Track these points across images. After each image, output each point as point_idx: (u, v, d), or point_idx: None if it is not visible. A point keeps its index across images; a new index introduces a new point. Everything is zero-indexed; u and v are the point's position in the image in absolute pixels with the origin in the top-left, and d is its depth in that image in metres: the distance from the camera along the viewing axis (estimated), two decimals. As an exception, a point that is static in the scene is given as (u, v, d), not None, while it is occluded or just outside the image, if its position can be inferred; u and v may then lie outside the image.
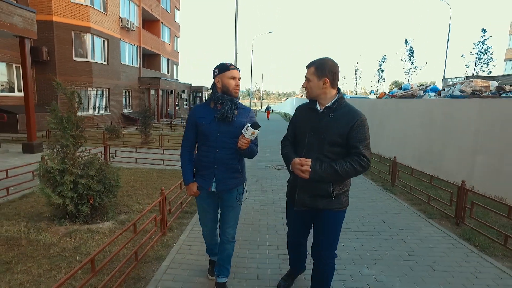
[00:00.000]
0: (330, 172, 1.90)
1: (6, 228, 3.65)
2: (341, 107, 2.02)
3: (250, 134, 2.11)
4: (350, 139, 1.95)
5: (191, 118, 2.37)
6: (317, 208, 2.08)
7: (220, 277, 2.55)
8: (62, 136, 3.82)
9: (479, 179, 5.77)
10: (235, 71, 2.28)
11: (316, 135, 2.02)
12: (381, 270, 2.98)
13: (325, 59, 2.04)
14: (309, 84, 2.05)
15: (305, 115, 2.15)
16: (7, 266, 2.83)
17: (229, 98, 2.27)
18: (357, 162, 1.91)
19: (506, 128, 5.24)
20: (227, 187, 2.33)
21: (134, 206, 4.63)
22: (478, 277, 2.88)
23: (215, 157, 2.28)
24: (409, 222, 4.27)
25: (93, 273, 2.20)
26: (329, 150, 1.98)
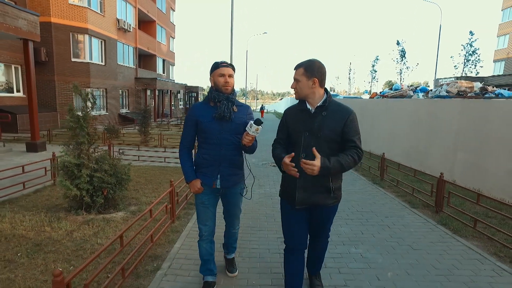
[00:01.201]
0: (337, 166, 1.97)
1: (28, 218, 4.01)
2: (331, 105, 2.11)
3: (254, 131, 2.17)
4: (345, 134, 2.05)
5: (191, 117, 2.38)
6: (317, 204, 2.14)
7: (230, 254, 2.87)
8: (78, 133, 4.15)
9: (460, 173, 6.25)
10: (223, 68, 2.30)
11: (312, 135, 2.07)
12: (366, 249, 3.41)
13: (313, 60, 2.11)
14: (299, 84, 2.10)
15: (297, 116, 2.18)
16: (38, 247, 3.20)
17: (225, 97, 2.29)
18: (355, 154, 2.02)
19: (482, 126, 5.73)
20: (231, 184, 2.39)
21: (142, 199, 5.01)
22: (449, 253, 3.33)
23: (220, 154, 2.32)
24: (394, 211, 4.72)
25: (121, 247, 2.59)
26: (326, 147, 2.05)
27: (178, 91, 31.62)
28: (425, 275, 2.88)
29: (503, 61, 33.39)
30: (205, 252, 2.52)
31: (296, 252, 2.26)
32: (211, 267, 2.57)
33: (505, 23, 33.37)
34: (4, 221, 3.90)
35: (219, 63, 2.33)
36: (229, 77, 2.30)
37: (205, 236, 2.49)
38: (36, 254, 3.07)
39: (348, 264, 3.07)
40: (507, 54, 32.95)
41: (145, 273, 2.81)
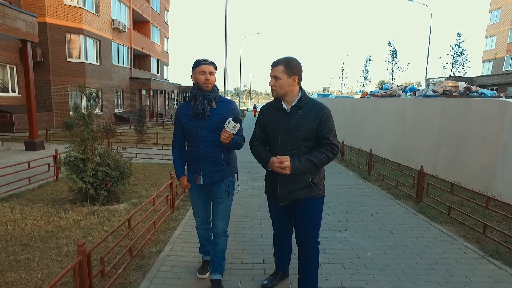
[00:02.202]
0: (308, 164, 2.02)
1: (37, 209, 4.27)
2: (306, 103, 2.12)
3: (232, 128, 2.15)
4: (320, 131, 2.08)
5: (176, 116, 2.46)
6: (300, 199, 2.16)
7: (215, 274, 2.53)
8: (84, 130, 4.43)
9: (442, 167, 6.65)
10: (204, 66, 2.29)
11: (289, 133, 2.10)
12: (350, 234, 3.76)
13: (291, 58, 2.10)
14: (278, 82, 2.09)
15: (273, 115, 2.21)
16: (50, 234, 3.48)
17: (202, 94, 2.29)
18: (329, 151, 2.05)
19: (461, 123, 6.13)
20: (214, 180, 2.38)
21: (142, 192, 5.30)
22: (424, 236, 3.69)
23: (198, 152, 2.34)
24: (378, 202, 5.08)
25: (129, 230, 2.89)
26: (303, 145, 2.08)
27: (173, 91, 31.77)
28: (400, 254, 3.24)
29: (491, 61, 34.27)
30: (202, 237, 2.72)
31: (284, 236, 2.48)
32: (209, 248, 2.73)
33: (493, 25, 34.24)
34: (14, 212, 4.16)
35: (200, 60, 2.32)
36: (209, 74, 2.30)
37: (200, 224, 2.65)
38: (49, 239, 3.36)
39: (332, 246, 3.41)
40: (495, 54, 33.82)
41: (149, 255, 3.11)
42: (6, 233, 3.51)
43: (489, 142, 5.35)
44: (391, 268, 2.94)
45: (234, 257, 3.12)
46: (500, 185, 5.05)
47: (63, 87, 16.70)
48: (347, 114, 12.37)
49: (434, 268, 2.95)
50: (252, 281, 2.70)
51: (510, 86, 27.31)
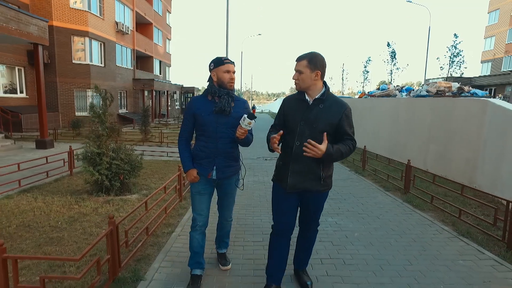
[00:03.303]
0: (338, 153, 2.10)
1: (57, 199, 4.72)
2: (328, 99, 2.19)
3: (247, 124, 2.23)
4: (341, 127, 2.16)
5: (189, 110, 2.44)
6: (308, 190, 2.22)
7: (221, 249, 2.87)
8: (99, 126, 4.87)
9: (432, 162, 7.07)
10: (229, 65, 2.37)
11: (308, 125, 2.15)
12: (341, 219, 4.19)
13: (315, 53, 2.16)
14: (301, 76, 2.14)
15: (295, 105, 2.27)
16: (73, 219, 3.92)
17: (226, 92, 2.35)
18: (352, 145, 2.18)
19: (448, 121, 6.55)
20: (226, 175, 2.46)
21: (151, 185, 5.74)
22: (406, 221, 4.12)
23: (216, 147, 2.38)
24: (369, 193, 5.51)
25: (146, 211, 3.33)
26: (320, 138, 2.10)
27: (175, 92, 32.26)
28: (384, 235, 3.66)
29: (490, 62, 34.67)
30: (197, 244, 2.52)
31: (282, 236, 2.35)
32: (200, 260, 2.58)
33: (491, 26, 34.65)
34: (38, 201, 4.61)
35: (223, 59, 2.38)
36: (233, 73, 2.40)
37: (199, 226, 2.51)
38: (73, 222, 3.80)
39: (324, 228, 3.84)
40: (493, 55, 34.22)
41: (162, 235, 3.55)
42: (35, 217, 3.95)
43: (472, 139, 5.77)
44: (374, 245, 3.37)
45: (237, 236, 3.55)
46: (481, 178, 5.47)
47: (69, 88, 17.17)
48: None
49: (411, 245, 3.38)
50: (252, 254, 3.13)
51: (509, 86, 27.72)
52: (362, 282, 2.63)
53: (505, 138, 4.93)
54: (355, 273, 2.79)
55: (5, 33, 7.96)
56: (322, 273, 2.78)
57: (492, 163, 5.23)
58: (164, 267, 2.83)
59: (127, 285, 2.48)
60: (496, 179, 5.09)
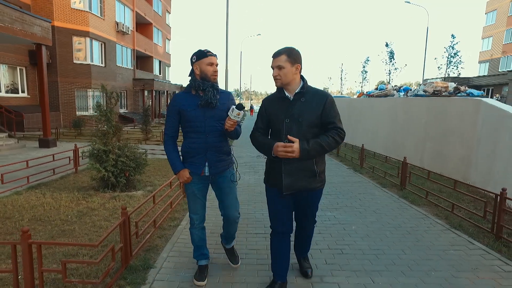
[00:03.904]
0: (317, 147, 2.03)
1: (65, 195, 4.87)
2: (308, 91, 2.17)
3: (236, 115, 2.18)
4: (325, 117, 2.11)
5: (173, 106, 2.37)
6: (304, 188, 2.18)
7: (228, 244, 2.81)
8: (105, 125, 5.03)
9: (428, 160, 7.25)
10: (212, 58, 2.31)
11: (293, 121, 2.12)
12: (339, 213, 4.36)
13: (292, 47, 2.15)
14: (282, 71, 2.11)
15: (276, 104, 2.23)
16: (82, 213, 4.08)
17: (210, 84, 2.29)
18: (336, 135, 2.08)
19: (443, 120, 6.73)
20: (219, 170, 2.41)
21: (155, 182, 5.90)
22: (402, 215, 4.30)
23: (206, 142, 2.32)
24: (367, 190, 5.68)
25: (154, 205, 3.49)
26: (308, 132, 2.10)
27: (174, 92, 32.38)
28: (380, 228, 3.84)
29: (488, 62, 34.95)
30: (198, 239, 2.57)
31: (282, 236, 2.33)
32: (204, 251, 2.63)
33: (489, 26, 34.94)
34: (46, 197, 4.76)
35: (206, 51, 2.31)
36: (216, 66, 2.35)
37: (197, 224, 2.53)
38: (82, 216, 3.96)
39: (323, 222, 4.01)
40: (491, 55, 34.50)
41: (169, 227, 3.71)
42: (45, 212, 4.11)
43: (466, 137, 5.95)
44: (371, 237, 3.54)
45: (240, 228, 3.68)
46: (475, 174, 5.65)
47: (70, 88, 17.30)
48: (344, 113, 12.95)
49: (406, 237, 3.55)
50: (256, 244, 3.30)
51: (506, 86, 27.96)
52: (359, 270, 2.80)
53: (497, 136, 5.11)
54: (352, 261, 2.96)
55: (10, 33, 8.11)
56: (321, 261, 2.95)
57: (485, 160, 5.42)
58: (172, 256, 3.00)
59: (139, 272, 2.64)
60: (488, 175, 5.27)
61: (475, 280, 2.64)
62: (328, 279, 2.63)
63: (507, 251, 3.16)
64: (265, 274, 2.66)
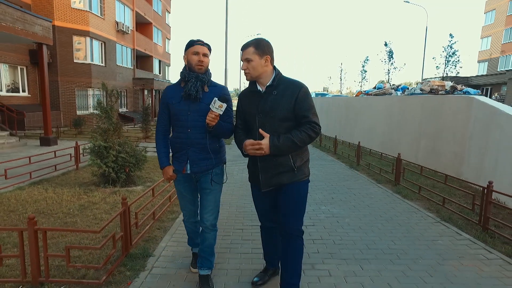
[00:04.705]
0: (288, 143, 1.94)
1: (66, 190, 4.99)
2: (281, 83, 2.06)
3: (218, 108, 2.05)
4: (298, 110, 1.99)
5: (163, 99, 2.31)
6: (283, 183, 2.07)
7: (203, 269, 2.39)
8: (106, 122, 5.15)
9: (423, 157, 7.37)
10: (198, 46, 2.19)
11: (265, 116, 2.04)
12: (333, 207, 4.48)
13: (260, 39, 2.07)
14: (251, 64, 2.03)
15: (249, 99, 2.16)
16: (83, 207, 4.21)
17: (195, 75, 2.17)
18: (310, 130, 1.97)
19: (437, 118, 6.86)
20: (202, 169, 2.25)
21: (154, 178, 6.03)
22: (394, 209, 4.42)
23: (187, 137, 2.21)
24: (362, 185, 5.80)
25: (153, 197, 3.61)
26: (281, 126, 2.01)
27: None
28: (372, 220, 3.96)
29: (486, 61, 35.09)
30: (190, 230, 2.59)
31: (269, 229, 2.37)
32: (198, 241, 2.57)
33: (488, 26, 35.08)
34: (48, 192, 4.88)
35: (194, 40, 2.22)
36: (203, 56, 2.19)
37: (187, 218, 2.52)
38: (84, 210, 4.08)
39: (317, 215, 4.13)
40: (489, 55, 34.63)
41: (167, 220, 3.84)
42: (48, 205, 4.23)
43: (459, 134, 6.08)
44: (363, 229, 3.67)
45: (237, 221, 3.85)
46: (467, 170, 5.77)
47: (70, 87, 17.41)
48: (342, 112, 13.09)
49: (396, 229, 3.68)
50: (251, 236, 3.42)
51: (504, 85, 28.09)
52: (349, 258, 2.93)
53: (488, 132, 5.23)
54: (343, 251, 3.08)
55: (12, 33, 8.23)
56: (314, 250, 3.07)
57: (476, 156, 5.54)
58: (170, 246, 3.12)
59: (138, 260, 2.76)
60: (480, 170, 5.39)
61: (459, 267, 2.76)
62: (319, 267, 2.76)
63: (492, 241, 3.29)
64: (259, 262, 2.78)
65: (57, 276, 2.41)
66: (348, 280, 2.56)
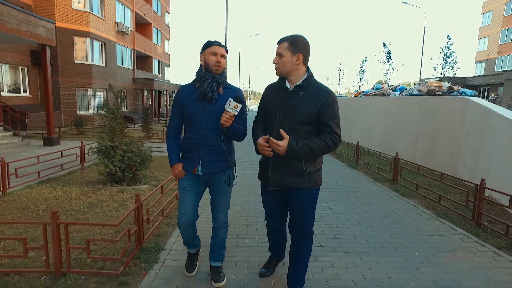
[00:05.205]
0: (306, 150, 1.90)
1: (74, 189, 5.14)
2: (310, 85, 2.01)
3: (233, 108, 2.03)
4: (322, 117, 1.95)
5: (176, 99, 2.31)
6: (290, 186, 2.05)
7: (215, 261, 2.53)
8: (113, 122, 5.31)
9: (420, 156, 7.56)
10: (216, 47, 2.18)
11: (286, 114, 2.00)
12: (333, 204, 4.66)
13: (298, 36, 2.01)
14: (282, 59, 2.00)
15: (274, 94, 2.12)
16: (92, 204, 4.36)
17: (211, 76, 2.17)
18: (330, 140, 1.93)
19: (434, 118, 7.05)
20: (214, 171, 2.26)
21: (159, 177, 6.18)
22: (392, 205, 4.60)
23: (200, 138, 2.20)
24: (361, 184, 5.98)
25: (162, 195, 3.77)
26: (300, 129, 1.97)
27: (173, 91, 32.62)
28: (371, 216, 4.14)
29: (484, 62, 35.41)
30: (186, 236, 2.45)
31: (275, 225, 2.38)
32: (195, 243, 2.56)
33: (485, 27, 35.41)
34: (57, 190, 5.03)
35: (212, 41, 2.22)
36: (221, 57, 2.19)
37: (183, 226, 2.36)
38: (94, 207, 4.24)
39: (318, 212, 4.27)
40: (487, 55, 34.95)
41: (175, 216, 3.98)
42: (58, 203, 4.38)
43: (455, 134, 6.27)
44: (362, 224, 3.84)
45: (242, 218, 4.01)
46: (463, 169, 5.96)
47: (71, 87, 17.52)
48: (341, 112, 13.09)
49: (394, 224, 3.86)
50: (256, 231, 3.59)
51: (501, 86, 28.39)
52: (350, 251, 3.10)
53: (482, 133, 5.42)
54: (344, 244, 3.25)
55: (17, 34, 8.36)
56: (316, 244, 3.22)
57: (471, 156, 5.73)
58: (180, 240, 3.26)
59: (151, 253, 2.92)
60: (475, 170, 5.58)
61: (453, 259, 2.95)
62: (322, 259, 2.93)
63: (484, 235, 3.48)
64: (265, 255, 2.93)
65: (76, 268, 2.57)
66: (349, 270, 2.73)
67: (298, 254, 2.20)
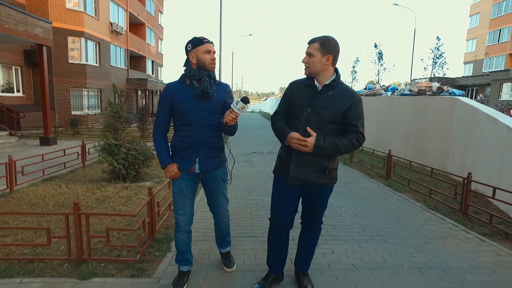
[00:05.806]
0: (332, 147, 1.96)
1: (79, 186, 5.28)
2: (338, 86, 2.07)
3: (240, 109, 2.05)
4: (348, 117, 2.02)
5: (165, 97, 2.23)
6: (311, 182, 2.09)
7: (223, 248, 2.68)
8: (117, 121, 5.46)
9: (411, 154, 7.87)
10: (209, 45, 2.17)
11: (314, 112, 2.04)
12: (331, 198, 4.75)
13: (329, 37, 2.05)
14: (312, 59, 2.04)
15: (302, 91, 2.14)
16: (99, 200, 4.51)
17: (207, 74, 2.17)
18: (355, 139, 2.01)
19: (424, 117, 7.37)
20: (211, 167, 2.27)
21: (160, 174, 6.34)
22: (386, 200, 4.87)
23: (198, 136, 2.19)
24: (356, 180, 6.25)
25: (169, 190, 3.95)
26: (327, 127, 2.02)
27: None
28: (366, 209, 4.39)
29: (472, 63, 36.29)
30: (182, 243, 2.39)
31: (280, 230, 2.30)
32: (188, 257, 2.46)
33: (473, 28, 36.30)
34: (62, 187, 5.16)
35: (202, 38, 2.18)
36: (213, 54, 2.21)
37: (182, 227, 2.35)
38: (101, 203, 4.39)
39: (317, 205, 4.54)
40: (475, 56, 35.83)
41: (181, 211, 4.18)
42: (65, 199, 4.52)
43: (444, 132, 6.58)
44: (359, 216, 4.09)
45: (245, 212, 4.22)
46: (451, 166, 6.28)
47: (65, 87, 17.47)
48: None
49: (389, 216, 4.11)
50: (259, 223, 3.80)
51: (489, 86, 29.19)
52: (348, 239, 3.34)
53: (470, 131, 5.74)
54: (342, 233, 3.49)
55: (14, 34, 8.41)
56: (317, 234, 3.47)
57: (459, 153, 6.05)
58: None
59: (163, 243, 3.11)
60: (462, 166, 5.89)
61: (442, 245, 3.21)
62: (323, 246, 3.16)
63: (471, 224, 3.77)
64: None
65: (95, 256, 2.75)
66: (348, 255, 2.97)
67: (308, 240, 2.38)
